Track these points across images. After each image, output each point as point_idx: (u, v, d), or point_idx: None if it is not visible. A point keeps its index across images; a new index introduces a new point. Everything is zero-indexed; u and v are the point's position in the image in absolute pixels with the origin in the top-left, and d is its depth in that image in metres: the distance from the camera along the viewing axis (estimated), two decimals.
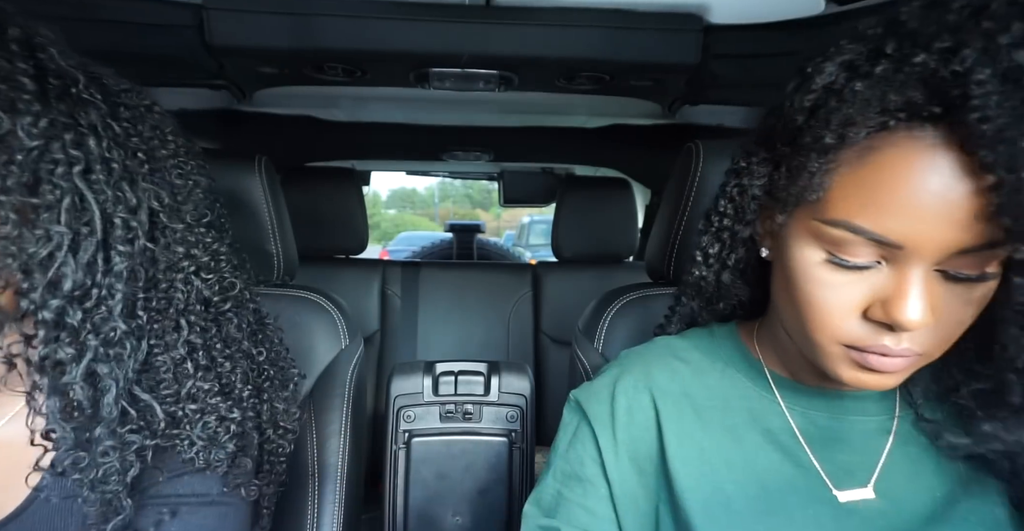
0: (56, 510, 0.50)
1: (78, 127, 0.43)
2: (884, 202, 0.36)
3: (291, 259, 0.86)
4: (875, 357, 0.39)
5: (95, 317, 0.45)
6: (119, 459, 0.46)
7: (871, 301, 0.39)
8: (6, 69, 0.41)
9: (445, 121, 1.49)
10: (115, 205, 0.45)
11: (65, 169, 0.42)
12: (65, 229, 0.42)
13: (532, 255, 5.42)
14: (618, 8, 0.78)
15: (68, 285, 0.43)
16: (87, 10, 0.75)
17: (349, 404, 0.80)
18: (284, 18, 0.77)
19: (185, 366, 0.49)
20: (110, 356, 0.45)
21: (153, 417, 0.48)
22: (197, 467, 0.51)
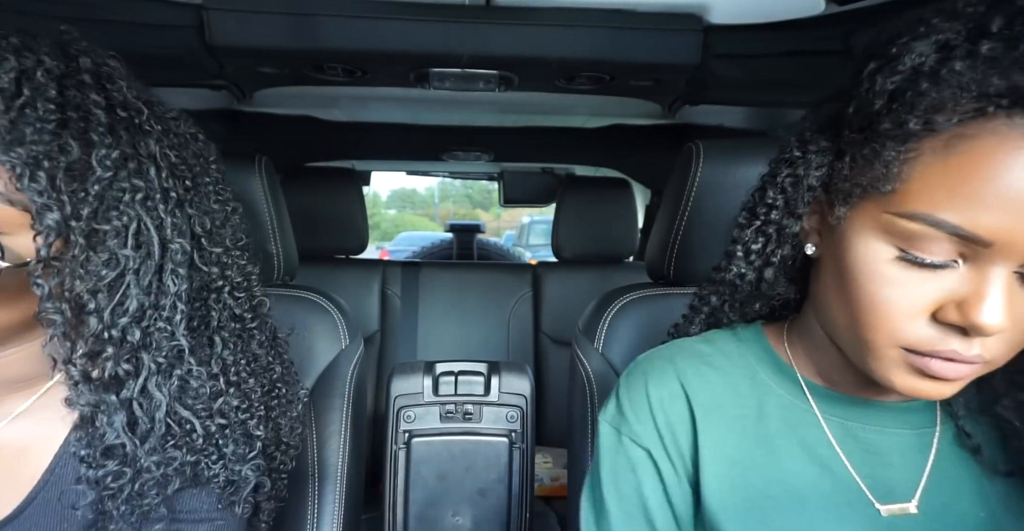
0: (54, 511, 0.50)
1: (139, 157, 0.46)
2: (976, 194, 0.33)
3: (291, 259, 0.86)
4: (939, 363, 0.37)
5: (154, 336, 0.47)
6: (160, 475, 0.47)
7: (944, 302, 0.36)
8: (79, 100, 0.43)
9: (445, 121, 1.49)
10: (171, 231, 0.47)
11: (131, 197, 0.44)
12: (132, 253, 0.45)
13: (532, 255, 5.42)
14: (618, 8, 0.78)
15: (133, 305, 0.45)
16: (87, 10, 0.75)
17: (349, 404, 0.80)
18: (284, 18, 0.77)
19: (218, 382, 0.51)
20: (163, 373, 0.47)
21: (193, 433, 0.49)
22: (195, 483, 0.51)
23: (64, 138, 0.41)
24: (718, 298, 0.54)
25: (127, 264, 0.44)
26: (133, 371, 0.46)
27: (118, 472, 0.47)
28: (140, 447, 0.46)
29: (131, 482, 0.47)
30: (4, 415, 0.51)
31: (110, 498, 0.47)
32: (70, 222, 0.42)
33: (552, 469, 1.46)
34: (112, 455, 0.47)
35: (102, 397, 0.46)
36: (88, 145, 0.42)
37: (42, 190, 0.40)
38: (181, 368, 0.49)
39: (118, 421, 0.46)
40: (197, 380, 0.49)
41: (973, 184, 0.33)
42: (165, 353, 0.47)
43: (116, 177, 0.44)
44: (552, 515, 1.35)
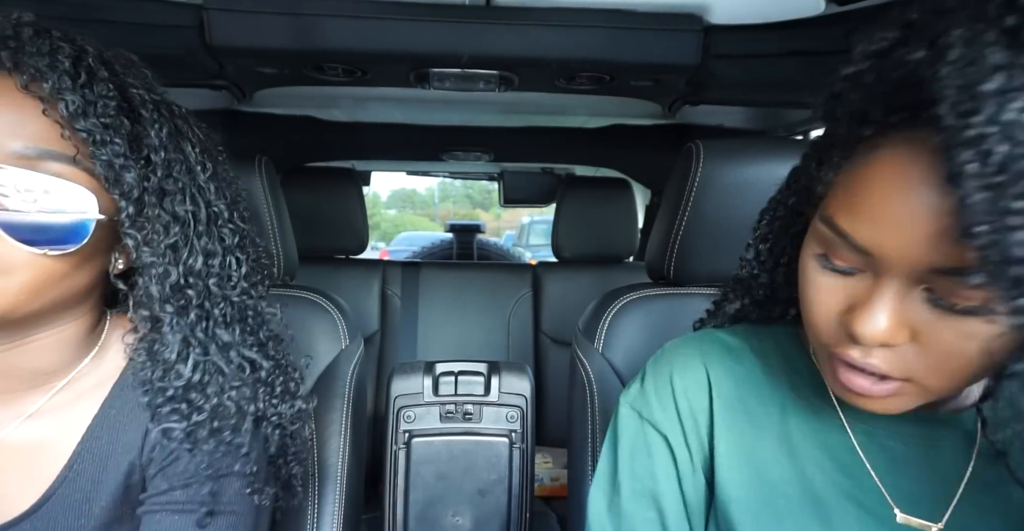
0: (72, 508, 0.51)
1: (179, 133, 0.52)
2: (859, 204, 0.34)
3: (291, 259, 0.86)
4: (847, 373, 0.37)
5: (215, 286, 0.53)
6: (234, 404, 0.52)
7: (846, 306, 0.37)
8: (122, 82, 0.48)
9: (445, 121, 1.49)
10: (213, 195, 0.54)
11: (179, 167, 0.51)
12: (191, 209, 0.51)
13: (532, 255, 5.42)
14: (618, 8, 0.78)
15: (199, 261, 0.51)
16: (87, 10, 0.75)
17: (349, 404, 0.80)
18: (284, 18, 0.77)
19: (265, 329, 0.58)
20: (227, 319, 0.53)
21: (262, 370, 0.55)
22: (213, 474, 0.53)
23: (121, 113, 0.46)
24: (736, 297, 0.55)
25: (188, 222, 0.51)
26: (204, 316, 0.52)
27: (199, 408, 0.51)
28: (210, 384, 0.52)
29: (210, 419, 0.52)
30: (21, 413, 0.52)
31: (189, 435, 0.51)
32: (144, 183, 0.48)
33: (552, 469, 1.46)
34: (189, 396, 0.51)
35: (184, 340, 0.51)
36: (138, 121, 0.48)
37: (119, 153, 0.45)
38: (244, 314, 0.55)
39: (193, 362, 0.51)
40: (255, 321, 0.56)
41: (860, 194, 0.34)
42: (230, 299, 0.54)
43: (167, 147, 0.50)
44: (552, 515, 1.35)
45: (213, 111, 1.21)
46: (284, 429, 0.58)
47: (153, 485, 0.53)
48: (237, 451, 0.53)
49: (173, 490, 0.53)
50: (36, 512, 0.51)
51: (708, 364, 0.50)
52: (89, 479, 0.52)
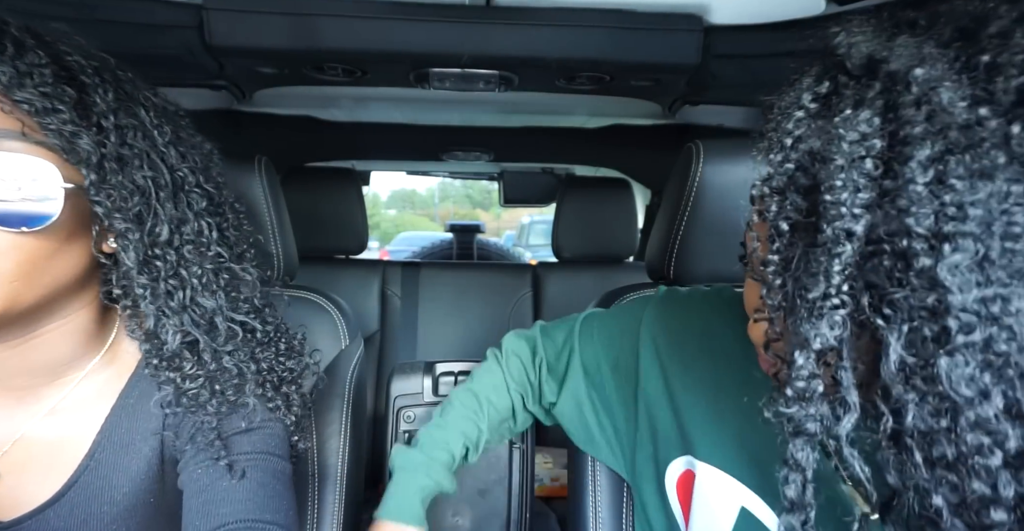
0: (94, 495, 0.53)
1: (128, 98, 0.50)
2: None
3: (291, 259, 0.86)
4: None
5: (188, 251, 0.52)
6: (234, 366, 0.54)
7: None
8: (57, 51, 0.47)
9: (445, 121, 1.49)
10: (176, 160, 0.52)
11: (133, 133, 0.49)
12: (151, 175, 0.50)
13: (532, 255, 5.42)
14: (618, 8, 0.78)
15: (165, 230, 0.50)
16: (87, 10, 0.74)
17: (349, 404, 0.80)
18: (284, 18, 0.77)
19: (257, 289, 0.59)
20: (206, 286, 0.53)
21: (255, 331, 0.57)
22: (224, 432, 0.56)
23: (61, 82, 0.45)
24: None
25: (149, 190, 0.49)
26: (179, 285, 0.51)
27: (193, 375, 0.53)
28: (209, 348, 0.53)
29: (207, 383, 0.53)
30: (41, 409, 0.54)
31: (192, 398, 0.53)
32: (101, 149, 0.46)
33: (552, 469, 1.46)
34: (179, 364, 0.52)
35: (159, 310, 0.51)
36: (82, 88, 0.46)
37: (67, 120, 0.44)
38: (223, 278, 0.55)
39: (177, 329, 0.51)
40: (245, 285, 0.57)
41: None
42: (207, 265, 0.53)
43: (116, 112, 0.48)
44: (552, 515, 1.35)
45: (213, 111, 1.20)
46: (299, 385, 0.61)
47: (180, 451, 0.56)
48: (242, 410, 0.55)
49: (197, 450, 0.55)
50: (58, 501, 0.53)
51: (683, 308, 0.64)
52: (110, 467, 0.54)
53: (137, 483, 0.55)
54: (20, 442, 0.53)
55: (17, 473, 0.53)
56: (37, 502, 0.53)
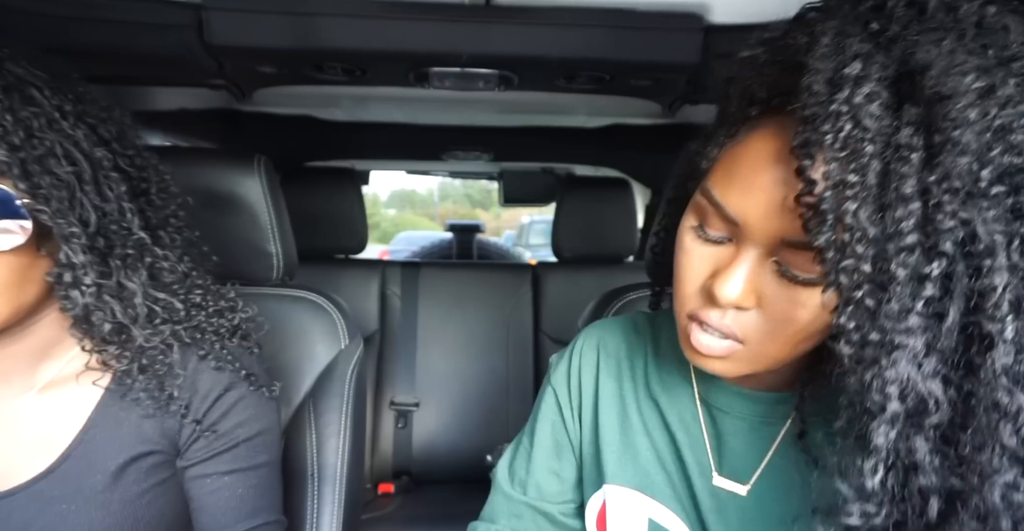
0: (87, 466, 0.55)
1: (16, 84, 0.48)
2: (734, 175, 0.38)
3: (291, 259, 0.86)
4: (697, 333, 0.41)
5: (113, 238, 0.53)
6: (160, 344, 0.56)
7: (711, 273, 0.41)
8: None
9: (445, 121, 1.49)
10: (87, 143, 0.51)
11: (36, 124, 0.47)
12: (70, 169, 0.49)
13: (532, 255, 5.42)
14: (618, 8, 0.78)
15: (92, 217, 0.50)
16: (87, 10, 0.74)
17: (349, 404, 0.80)
18: (284, 18, 0.77)
19: (181, 265, 0.60)
20: (130, 267, 0.54)
21: (174, 309, 0.58)
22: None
23: None
24: (653, 281, 0.63)
25: (72, 181, 0.49)
26: (107, 271, 0.53)
27: (120, 354, 0.55)
28: (133, 328, 0.54)
29: (136, 357, 0.55)
30: (34, 384, 0.57)
31: (126, 374, 0.55)
32: (16, 154, 0.46)
33: None
34: (111, 341, 0.54)
35: (90, 294, 0.52)
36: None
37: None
38: (147, 259, 0.56)
39: (108, 313, 0.53)
40: (166, 264, 0.58)
41: (736, 168, 0.38)
42: (129, 250, 0.54)
43: (12, 108, 0.46)
44: None
45: (213, 111, 1.20)
46: (242, 336, 0.64)
47: (181, 445, 0.60)
48: (176, 378, 0.57)
49: (195, 451, 0.59)
50: (51, 473, 0.55)
51: (608, 333, 0.61)
52: (104, 442, 0.56)
53: (131, 453, 0.57)
54: (14, 418, 0.56)
55: (12, 447, 0.55)
56: (30, 475, 0.55)
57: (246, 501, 0.60)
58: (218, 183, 0.78)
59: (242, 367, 0.61)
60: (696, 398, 0.54)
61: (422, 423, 1.57)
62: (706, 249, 0.41)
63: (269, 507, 0.63)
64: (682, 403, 0.54)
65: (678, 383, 0.55)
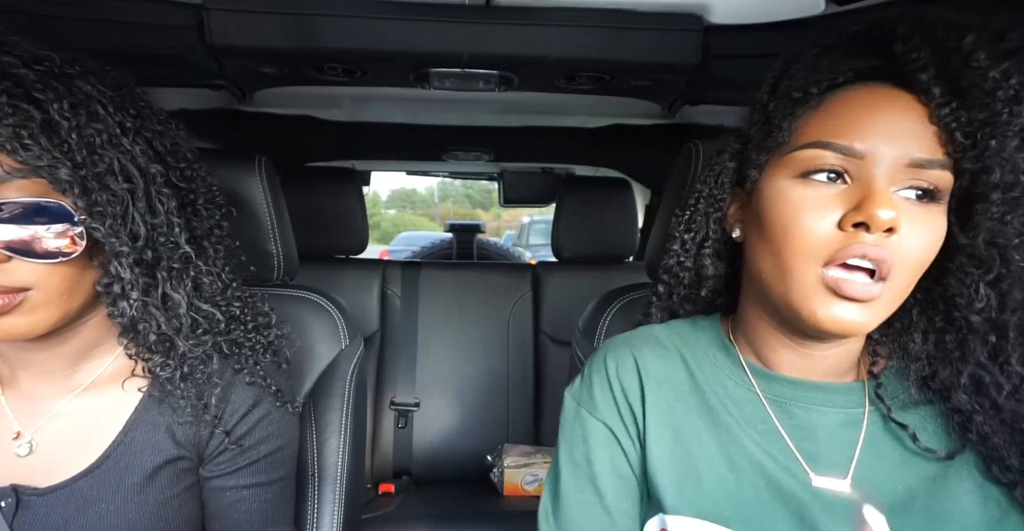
0: (125, 467, 0.57)
1: (83, 101, 0.49)
2: (850, 123, 0.44)
3: (291, 259, 0.86)
4: (849, 282, 0.43)
5: (161, 251, 0.54)
6: (201, 354, 0.57)
7: (845, 210, 0.43)
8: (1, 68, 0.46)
9: (445, 121, 1.49)
10: (143, 159, 0.53)
11: (100, 140, 0.49)
12: (126, 186, 0.51)
13: (532, 255, 5.42)
14: (618, 8, 0.78)
15: (143, 231, 0.52)
16: (87, 10, 0.75)
17: (349, 404, 0.80)
18: (284, 18, 0.77)
19: (222, 278, 0.61)
20: (175, 279, 0.55)
21: (216, 320, 0.59)
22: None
23: (17, 105, 0.45)
24: (665, 288, 0.61)
25: (126, 197, 0.51)
26: (154, 283, 0.54)
27: (163, 363, 0.56)
28: (177, 338, 0.55)
29: (179, 367, 0.56)
30: (76, 386, 0.58)
31: (168, 382, 0.56)
32: (79, 172, 0.47)
33: None
34: (156, 350, 0.55)
35: (137, 307, 0.53)
36: (37, 104, 0.46)
37: (39, 154, 0.45)
38: (191, 271, 0.57)
39: (153, 323, 0.54)
40: (207, 278, 0.59)
41: (847, 117, 0.45)
42: (175, 262, 0.55)
43: (80, 125, 0.48)
44: None
45: (213, 111, 1.20)
46: (274, 353, 0.65)
47: (204, 457, 0.61)
48: (214, 387, 0.58)
49: (219, 463, 0.60)
50: (91, 472, 0.56)
51: (636, 352, 0.57)
52: (142, 444, 0.57)
53: (166, 456, 0.58)
54: (56, 417, 0.58)
55: (53, 446, 0.57)
56: (71, 473, 0.56)
57: (261, 514, 0.62)
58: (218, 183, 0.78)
59: (272, 383, 0.62)
60: (763, 400, 0.52)
61: (422, 423, 1.57)
62: (820, 191, 0.45)
63: (281, 519, 0.65)
64: (748, 410, 0.52)
65: (736, 389, 0.53)
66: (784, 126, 0.47)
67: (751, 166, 0.51)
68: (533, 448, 1.52)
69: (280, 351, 0.66)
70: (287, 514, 0.66)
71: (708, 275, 0.58)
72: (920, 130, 0.42)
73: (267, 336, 0.64)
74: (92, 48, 0.79)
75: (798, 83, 0.47)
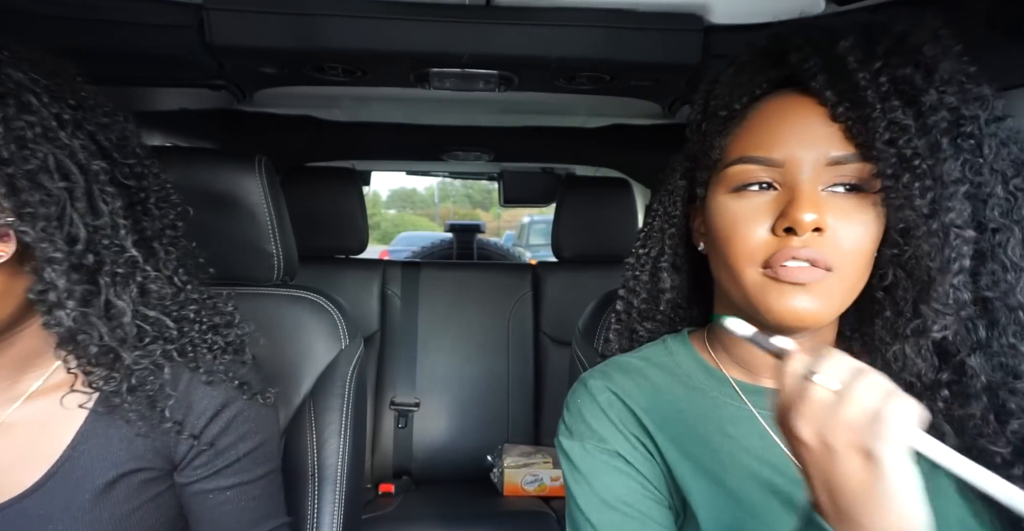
0: (75, 483, 0.53)
1: (12, 91, 0.45)
2: (766, 134, 0.47)
3: (291, 259, 0.86)
4: (785, 268, 0.45)
5: (104, 255, 0.50)
6: (149, 365, 0.53)
7: (775, 217, 0.46)
8: None
9: (445, 121, 1.49)
10: (83, 154, 0.48)
11: (31, 133, 0.45)
12: (62, 184, 0.46)
13: (532, 255, 5.42)
14: (618, 8, 0.78)
15: (82, 233, 0.48)
16: (87, 10, 0.74)
17: (349, 404, 0.80)
18: (284, 18, 0.77)
19: (174, 282, 0.57)
20: (119, 284, 0.51)
21: (165, 328, 0.55)
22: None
23: None
24: (623, 305, 0.62)
25: (63, 197, 0.46)
26: (95, 290, 0.50)
27: (107, 376, 0.52)
28: (121, 349, 0.51)
29: (125, 379, 0.52)
30: (19, 394, 0.54)
31: (114, 394, 0.52)
32: (5, 169, 0.43)
33: (552, 469, 1.46)
34: (98, 362, 0.51)
35: (75, 317, 0.49)
36: None
37: None
38: (138, 276, 0.53)
39: (95, 334, 0.50)
40: (156, 283, 0.54)
41: (763, 129, 0.48)
42: (119, 267, 0.51)
43: (7, 116, 0.44)
44: (552, 515, 1.35)
45: (213, 111, 1.20)
46: (235, 350, 0.60)
47: (179, 461, 0.58)
48: (168, 398, 0.54)
49: (195, 467, 0.57)
50: (38, 490, 0.52)
51: (613, 385, 0.55)
52: (93, 457, 0.53)
53: (121, 470, 0.54)
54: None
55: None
56: (16, 491, 0.52)
57: (250, 512, 0.59)
58: (218, 183, 0.78)
59: (235, 377, 0.59)
60: (756, 416, 0.52)
61: (422, 423, 1.57)
62: (752, 202, 0.47)
63: (274, 513, 0.62)
64: (744, 427, 0.52)
65: (728, 408, 0.53)
66: (716, 144, 0.50)
67: (697, 184, 0.54)
68: (533, 448, 1.52)
69: (242, 350, 0.62)
70: (279, 507, 0.63)
71: (665, 287, 0.59)
72: (829, 130, 0.45)
73: (226, 336, 0.60)
74: (92, 48, 0.79)
75: (723, 101, 0.51)
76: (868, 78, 0.43)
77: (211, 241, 0.65)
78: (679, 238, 0.58)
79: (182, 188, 0.75)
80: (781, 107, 0.48)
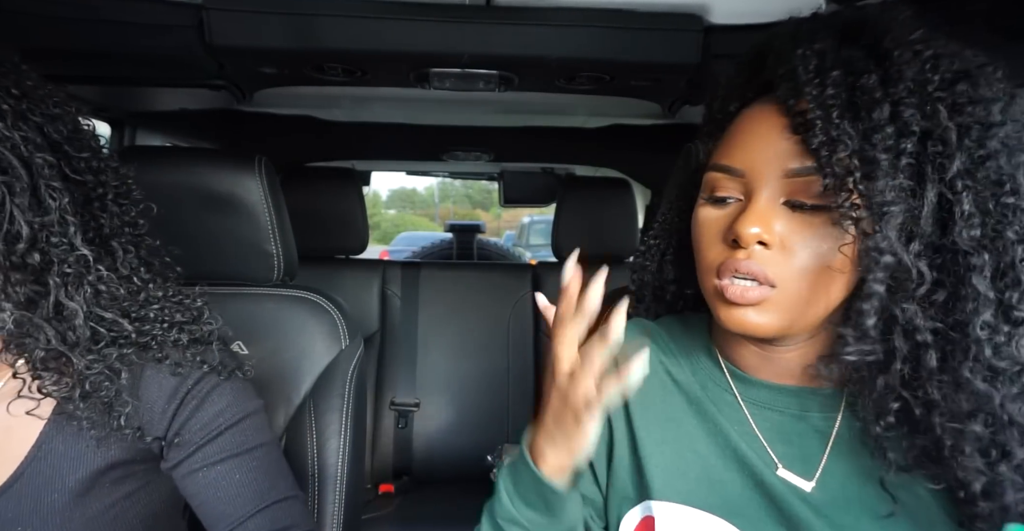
0: (43, 483, 0.51)
1: None
2: (733, 142, 0.48)
3: (291, 259, 0.86)
4: (731, 287, 0.45)
5: (52, 253, 0.47)
6: (104, 369, 0.50)
7: (729, 226, 0.46)
8: None
9: (445, 121, 1.49)
10: (25, 147, 0.45)
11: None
12: (1, 178, 0.44)
13: (532, 255, 5.42)
14: (618, 8, 0.78)
15: (25, 231, 0.45)
16: (87, 10, 0.74)
17: (349, 404, 0.80)
18: (284, 18, 0.77)
19: (132, 282, 0.54)
20: (71, 285, 0.49)
21: (122, 329, 0.52)
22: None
23: None
24: (636, 285, 0.64)
25: (2, 192, 0.44)
26: (44, 290, 0.47)
27: (58, 380, 0.49)
28: (72, 353, 0.48)
29: (78, 385, 0.49)
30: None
31: (66, 401, 0.50)
32: None
33: None
34: (46, 367, 0.49)
35: (16, 320, 0.46)
36: None
37: None
38: (90, 276, 0.50)
39: (42, 337, 0.47)
40: (112, 283, 0.52)
41: (733, 138, 0.48)
42: (69, 266, 0.48)
43: None
44: None
45: (213, 111, 1.21)
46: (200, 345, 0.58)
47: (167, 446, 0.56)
48: (125, 405, 0.51)
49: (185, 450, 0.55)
50: (5, 492, 0.51)
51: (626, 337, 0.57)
52: (60, 456, 0.52)
53: (93, 469, 0.52)
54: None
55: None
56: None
57: (248, 485, 0.56)
58: (218, 183, 0.78)
59: (204, 362, 0.56)
60: (740, 403, 0.53)
61: (422, 423, 1.57)
62: (719, 211, 0.48)
63: (279, 485, 0.59)
64: (726, 412, 0.53)
65: (716, 390, 0.55)
66: (705, 147, 0.52)
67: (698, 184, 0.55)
68: None
69: (209, 343, 0.59)
70: (283, 480, 0.59)
71: (669, 280, 0.61)
72: (789, 142, 0.44)
73: (192, 333, 0.57)
74: (92, 48, 0.79)
75: (719, 103, 0.52)
76: (819, 89, 0.42)
77: (211, 241, 0.65)
78: (687, 232, 0.58)
79: (182, 188, 0.75)
80: (756, 115, 0.47)
